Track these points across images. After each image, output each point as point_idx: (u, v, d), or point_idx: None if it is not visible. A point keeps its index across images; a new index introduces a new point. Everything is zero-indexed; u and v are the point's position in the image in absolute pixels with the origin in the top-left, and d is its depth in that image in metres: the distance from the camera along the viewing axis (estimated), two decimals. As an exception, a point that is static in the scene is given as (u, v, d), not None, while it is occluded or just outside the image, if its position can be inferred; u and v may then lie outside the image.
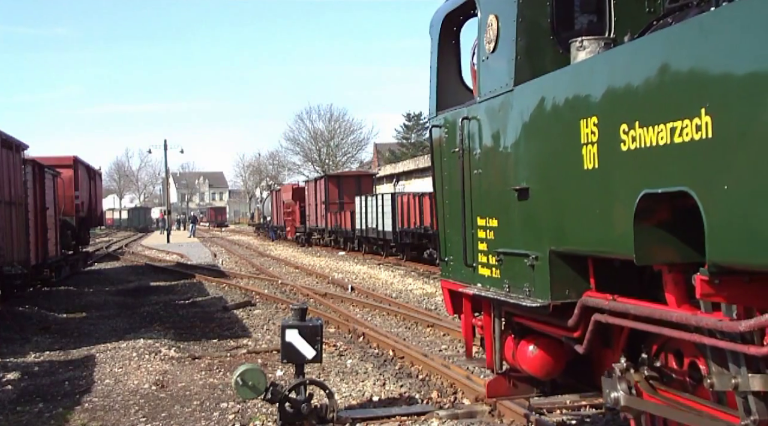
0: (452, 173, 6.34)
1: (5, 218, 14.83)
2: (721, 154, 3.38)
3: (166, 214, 58.89)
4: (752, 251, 3.26)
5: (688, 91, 3.57)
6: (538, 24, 5.35)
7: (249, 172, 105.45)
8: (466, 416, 7.16)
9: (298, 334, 7.08)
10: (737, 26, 3.28)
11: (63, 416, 7.92)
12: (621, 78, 4.14)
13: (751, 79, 3.18)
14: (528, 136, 5.15)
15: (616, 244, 4.17)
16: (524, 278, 5.21)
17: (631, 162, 4.02)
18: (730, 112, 3.31)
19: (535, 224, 5.11)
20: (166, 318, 14.70)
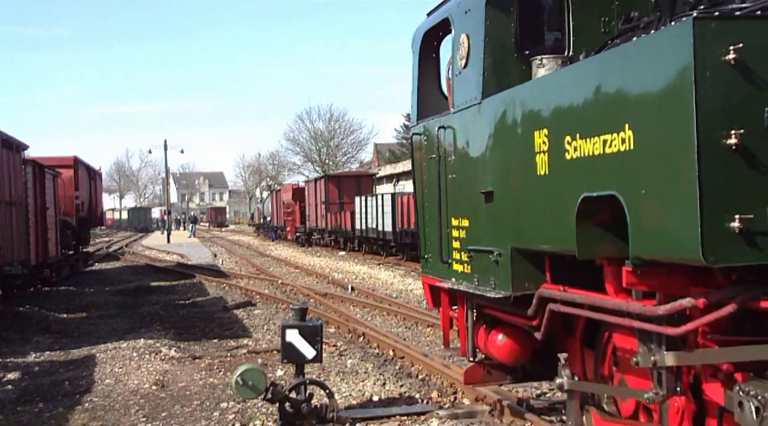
0: (430, 177, 6.89)
1: (5, 218, 14.83)
2: (639, 163, 3.96)
3: (166, 214, 58.88)
4: (663, 246, 3.86)
5: (615, 108, 4.15)
6: (503, 43, 5.87)
7: (249, 172, 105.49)
8: (466, 416, 7.16)
9: (299, 334, 7.09)
10: (648, 56, 3.91)
11: (63, 416, 7.93)
12: (565, 95, 4.70)
13: (656, 101, 3.83)
14: (492, 144, 5.72)
15: (563, 241, 4.68)
16: (490, 272, 5.76)
17: (573, 169, 4.58)
18: (645, 128, 3.91)
19: (498, 224, 5.68)
20: (166, 318, 14.70)
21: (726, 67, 3.57)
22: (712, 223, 3.56)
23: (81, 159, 25.81)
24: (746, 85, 3.59)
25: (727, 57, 3.56)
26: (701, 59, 3.56)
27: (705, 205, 3.55)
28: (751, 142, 3.55)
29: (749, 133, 3.55)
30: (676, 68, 3.68)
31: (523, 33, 5.92)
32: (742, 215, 3.56)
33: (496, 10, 5.83)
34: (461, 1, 6.33)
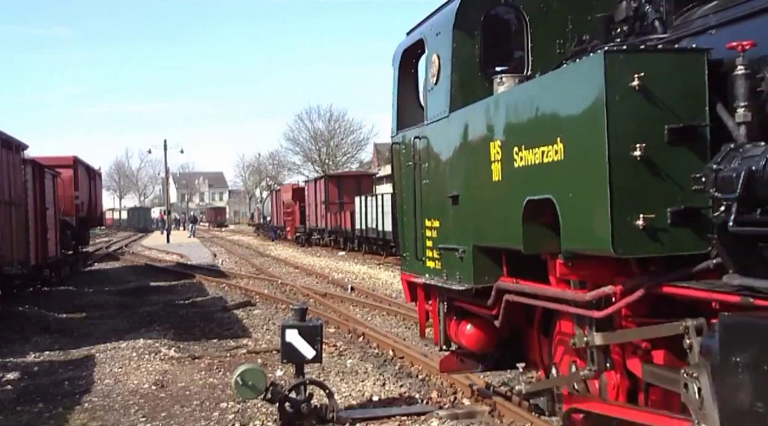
0: (407, 183, 7.61)
1: (5, 218, 14.83)
2: (568, 171, 4.65)
3: (166, 214, 58.87)
4: (585, 240, 4.56)
5: (550, 124, 4.84)
6: (469, 62, 6.53)
7: (249, 172, 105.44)
8: (465, 416, 7.16)
9: (298, 334, 7.08)
10: (572, 81, 4.62)
11: (63, 416, 7.92)
12: (513, 111, 5.41)
13: (578, 119, 4.53)
14: (458, 153, 6.42)
15: (514, 239, 5.34)
16: (456, 268, 6.44)
17: (519, 176, 5.28)
18: (571, 141, 4.62)
19: (463, 224, 6.35)
20: (166, 318, 14.69)
21: (631, 92, 4.23)
22: (620, 221, 4.22)
23: (81, 159, 25.79)
24: (648, 107, 4.25)
25: (632, 83, 4.22)
26: (611, 85, 4.23)
27: (615, 206, 4.22)
28: (652, 154, 4.23)
29: (651, 147, 4.22)
30: (592, 92, 4.36)
31: (486, 53, 6.58)
32: (646, 215, 4.21)
33: (462, 33, 6.50)
34: (433, 24, 7.04)
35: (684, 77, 4.33)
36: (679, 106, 4.29)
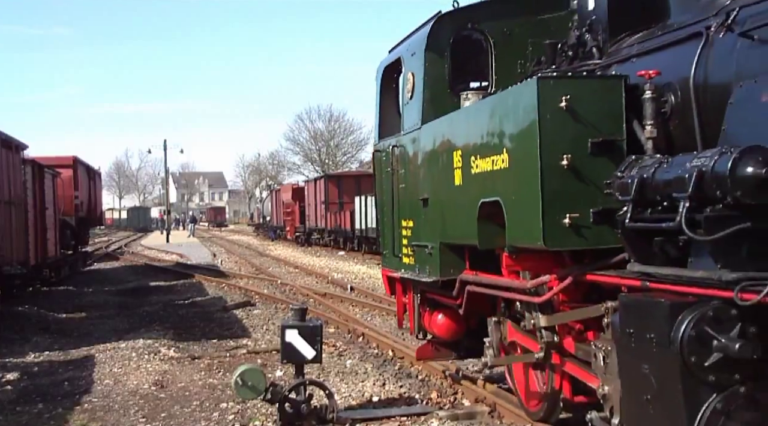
0: (387, 187, 8.43)
1: (5, 218, 14.82)
2: (511, 177, 5.45)
3: (166, 214, 58.87)
4: (524, 236, 5.35)
5: (498, 136, 5.65)
6: (439, 80, 7.32)
7: (249, 172, 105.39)
8: (465, 417, 7.15)
9: (298, 334, 7.08)
10: (513, 101, 5.42)
11: (63, 416, 7.91)
12: (472, 125, 6.20)
13: (518, 133, 5.32)
14: (427, 160, 7.21)
15: (471, 236, 6.14)
16: (426, 263, 7.25)
17: (476, 181, 6.06)
18: (514, 152, 5.41)
19: (431, 224, 7.14)
20: (165, 318, 14.68)
21: (560, 111, 4.98)
22: (550, 220, 4.97)
23: (80, 159, 25.78)
24: (574, 124, 4.99)
25: (561, 104, 4.96)
26: (543, 106, 4.99)
27: (546, 207, 4.97)
28: (577, 163, 4.98)
29: (576, 157, 4.98)
30: (528, 111, 5.13)
31: (454, 72, 7.36)
32: (572, 214, 4.95)
33: (433, 54, 7.30)
34: (409, 45, 7.87)
35: (604, 99, 5.09)
36: (600, 123, 5.04)
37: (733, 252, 3.93)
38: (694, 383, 3.85)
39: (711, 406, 3.83)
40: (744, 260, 3.90)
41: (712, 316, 3.83)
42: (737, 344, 3.72)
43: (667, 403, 4.01)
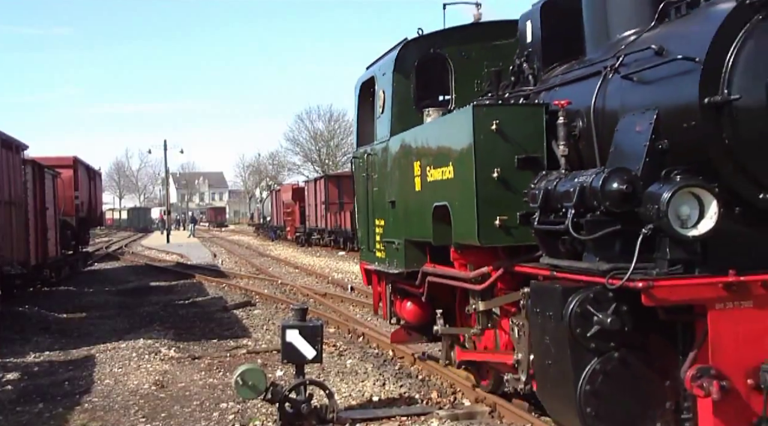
0: (363, 189, 9.60)
1: (5, 218, 14.83)
2: (455, 186, 6.46)
3: (166, 214, 58.85)
4: (464, 235, 6.39)
5: (446, 151, 6.66)
6: (405, 98, 8.34)
7: (249, 172, 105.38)
8: (465, 417, 7.16)
9: (299, 334, 7.09)
10: (457, 123, 6.46)
11: (63, 416, 7.92)
12: (427, 140, 7.28)
13: (459, 149, 6.36)
14: (394, 168, 8.26)
15: (428, 234, 7.22)
16: (394, 257, 8.35)
17: (430, 188, 7.08)
18: (457, 165, 6.43)
19: (398, 223, 8.23)
20: (165, 318, 14.69)
21: (492, 133, 6.01)
22: (484, 221, 6.01)
23: (81, 159, 25.79)
24: (503, 143, 6.03)
25: (492, 127, 6.00)
26: (477, 128, 6.03)
27: (480, 211, 6.02)
28: (506, 175, 6.02)
29: (505, 170, 6.01)
30: (466, 132, 6.14)
31: (418, 91, 8.38)
32: (501, 217, 6.00)
33: (400, 76, 8.33)
34: (381, 66, 8.91)
35: (528, 123, 6.14)
36: (524, 143, 6.08)
37: (608, 248, 5.01)
38: (579, 350, 4.88)
39: (592, 367, 4.86)
40: (616, 255, 4.95)
41: (593, 298, 4.84)
42: (609, 319, 4.76)
43: (561, 366, 5.04)
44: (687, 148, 4.95)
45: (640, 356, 4.92)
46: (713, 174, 4.83)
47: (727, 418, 4.55)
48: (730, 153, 4.87)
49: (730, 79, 4.81)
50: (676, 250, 4.70)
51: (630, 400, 4.88)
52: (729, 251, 4.80)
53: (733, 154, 4.87)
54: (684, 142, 4.95)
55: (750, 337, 4.63)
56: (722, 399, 4.48)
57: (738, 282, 4.61)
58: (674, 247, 4.71)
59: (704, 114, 4.82)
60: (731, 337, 4.61)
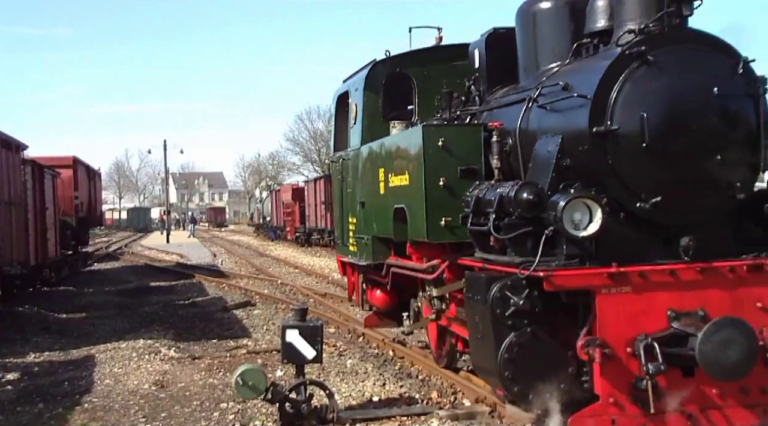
0: (338, 191, 11.03)
1: (5, 218, 14.83)
2: (410, 191, 7.68)
3: (166, 214, 58.83)
4: (417, 232, 7.56)
5: (403, 161, 7.87)
6: (374, 111, 9.61)
7: (249, 172, 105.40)
8: (465, 417, 7.16)
9: (299, 334, 7.09)
10: (411, 138, 7.68)
11: (63, 416, 7.92)
12: (389, 150, 8.49)
13: (413, 161, 7.55)
14: (364, 173, 9.49)
15: (390, 231, 8.51)
16: (364, 250, 9.64)
17: (392, 192, 8.32)
18: (411, 174, 7.61)
19: (367, 221, 9.49)
20: (165, 318, 14.69)
21: (438, 148, 7.17)
22: (432, 222, 7.19)
23: (80, 159, 25.80)
24: (448, 156, 7.18)
25: (438, 143, 7.16)
26: (426, 144, 7.19)
27: (428, 213, 7.19)
28: (450, 183, 7.16)
29: (449, 179, 7.15)
30: (418, 147, 7.32)
31: (385, 105, 9.61)
32: (446, 218, 7.13)
33: (370, 91, 9.58)
34: (354, 82, 10.17)
35: (469, 140, 7.28)
36: (466, 156, 7.21)
37: (521, 245, 6.14)
38: (499, 326, 5.90)
39: (509, 340, 5.87)
40: (528, 250, 6.04)
41: (510, 285, 5.87)
42: (522, 301, 5.80)
43: (486, 339, 6.10)
44: (583, 166, 6.12)
45: (547, 331, 5.95)
46: (602, 187, 6.01)
47: (611, 378, 5.69)
48: (613, 171, 6.04)
49: (613, 113, 5.99)
50: (572, 247, 5.83)
51: (539, 366, 5.87)
52: (615, 248, 5.93)
53: (615, 172, 6.04)
54: (580, 161, 6.13)
55: (629, 315, 5.76)
56: (606, 363, 5.65)
57: (619, 272, 5.77)
58: (570, 244, 5.83)
59: (593, 140, 6.01)
60: (614, 315, 5.74)
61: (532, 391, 5.89)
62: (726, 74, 6.08)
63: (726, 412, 5.84)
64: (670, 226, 6.13)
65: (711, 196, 6.15)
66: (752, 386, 5.83)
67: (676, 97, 5.98)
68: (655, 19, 6.06)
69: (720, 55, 6.15)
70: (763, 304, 5.91)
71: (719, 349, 5.43)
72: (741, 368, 5.52)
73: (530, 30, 7.41)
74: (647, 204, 6.02)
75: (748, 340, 5.50)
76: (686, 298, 5.85)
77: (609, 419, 5.70)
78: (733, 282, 5.94)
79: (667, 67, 6.00)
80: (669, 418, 5.76)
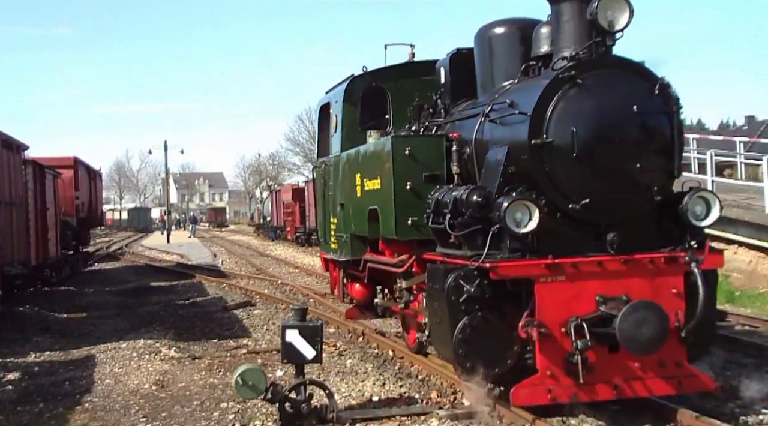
0: (321, 192, 12.10)
1: (6, 218, 14.84)
2: (382, 194, 8.59)
3: (166, 214, 58.80)
4: (387, 230, 8.51)
5: (376, 168, 8.81)
6: (352, 122, 10.57)
7: (249, 172, 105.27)
8: (465, 416, 7.17)
9: (299, 334, 7.10)
10: (381, 147, 8.68)
11: (63, 416, 7.94)
12: (364, 157, 9.43)
13: (383, 167, 8.47)
14: (343, 178, 10.50)
15: (366, 230, 9.44)
16: (344, 248, 10.61)
17: (367, 194, 9.25)
18: (382, 178, 8.54)
19: (346, 221, 10.43)
20: (166, 318, 14.70)
21: (405, 156, 8.14)
22: (400, 221, 8.18)
23: (81, 159, 25.80)
24: (414, 163, 8.16)
25: (405, 152, 8.14)
26: (395, 152, 8.17)
27: (397, 213, 8.18)
28: (416, 187, 8.13)
29: (415, 184, 8.13)
30: (387, 155, 8.31)
31: (363, 116, 10.58)
32: (413, 218, 8.11)
33: (348, 104, 10.55)
34: (335, 94, 11.22)
35: (433, 149, 8.24)
36: (430, 163, 8.16)
37: (473, 241, 7.06)
38: (454, 311, 6.83)
39: (463, 323, 6.79)
40: (478, 245, 6.97)
41: (463, 275, 6.81)
42: (474, 289, 6.74)
43: (444, 323, 7.07)
44: (524, 173, 7.04)
45: (496, 315, 6.86)
46: (540, 191, 6.92)
47: (549, 353, 6.66)
48: (549, 177, 6.96)
49: (548, 128, 6.91)
50: (514, 242, 6.82)
51: (489, 345, 6.80)
52: (552, 243, 6.86)
53: (550, 178, 6.96)
54: (522, 168, 7.06)
55: (563, 300, 6.69)
56: (544, 341, 6.64)
57: (554, 263, 6.73)
58: (513, 240, 6.81)
59: (532, 151, 6.92)
60: (550, 300, 6.69)
61: (482, 367, 6.83)
62: (644, 95, 6.97)
63: (647, 383, 6.81)
64: (599, 224, 7.02)
65: (633, 198, 7.07)
66: (669, 361, 6.83)
67: (601, 114, 6.88)
68: (585, 47, 7.01)
69: (639, 79, 7.07)
70: (678, 291, 6.89)
71: (635, 327, 6.34)
72: (653, 344, 6.42)
73: (486, 52, 8.40)
74: (578, 205, 6.92)
75: (660, 319, 6.40)
76: (612, 285, 6.79)
77: (546, 389, 6.66)
78: (652, 272, 6.90)
79: (594, 89, 6.92)
80: (598, 387, 6.71)
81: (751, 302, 14.45)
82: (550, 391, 6.66)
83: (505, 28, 8.27)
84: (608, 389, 6.74)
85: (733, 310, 13.29)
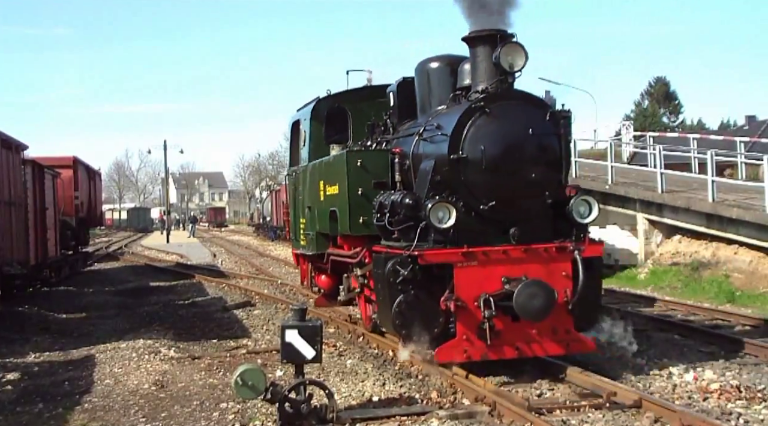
0: (292, 197, 14.47)
1: (5, 218, 14.83)
2: (339, 198, 10.66)
3: (166, 214, 58.77)
4: (344, 227, 10.62)
5: (335, 176, 10.90)
6: (318, 137, 12.80)
7: (249, 172, 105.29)
8: (465, 416, 7.17)
9: (298, 334, 7.09)
10: (339, 160, 10.73)
11: (63, 416, 7.93)
12: (326, 167, 11.53)
13: (340, 176, 10.57)
14: (310, 184, 12.69)
15: (327, 229, 11.55)
16: (311, 243, 12.83)
17: (328, 198, 11.30)
18: (340, 185, 10.62)
19: (312, 220, 12.63)
20: (165, 318, 14.69)
21: (358, 167, 10.11)
22: (353, 219, 10.19)
23: (80, 159, 25.78)
24: (365, 173, 10.11)
25: (357, 163, 10.11)
26: (349, 164, 10.14)
27: (351, 213, 10.20)
28: (367, 192, 10.03)
29: (365, 190, 10.04)
30: (343, 166, 10.26)
31: (327, 132, 12.78)
32: (364, 217, 10.02)
33: (315, 121, 12.83)
34: (304, 112, 13.54)
35: (380, 161, 10.11)
36: (378, 173, 10.05)
37: (407, 235, 8.83)
38: (393, 291, 8.63)
39: (399, 299, 8.57)
40: (411, 238, 8.73)
41: (400, 261, 8.58)
42: (407, 272, 8.52)
43: (385, 301, 8.90)
44: (447, 181, 8.85)
45: (426, 293, 8.57)
46: (458, 195, 8.75)
47: (464, 321, 8.41)
48: (464, 184, 8.79)
49: (463, 146, 8.74)
50: (438, 235, 8.62)
51: (419, 316, 8.54)
52: (468, 236, 8.61)
53: (466, 185, 8.78)
54: (445, 177, 8.86)
55: (476, 280, 8.44)
56: (461, 312, 8.39)
57: (469, 252, 8.49)
58: (436, 233, 8.61)
59: (451, 164, 8.76)
60: (466, 280, 8.45)
61: (414, 334, 8.53)
62: (539, 120, 8.86)
63: (543, 345, 8.56)
64: (504, 221, 8.80)
65: (530, 201, 8.90)
66: (560, 328, 8.59)
67: (504, 135, 8.76)
68: (493, 82, 8.87)
69: (534, 108, 8.99)
70: (566, 273, 8.61)
71: (527, 300, 8.08)
72: (542, 313, 8.17)
73: (424, 82, 10.33)
74: (487, 206, 8.74)
75: (547, 293, 8.14)
76: (514, 269, 8.52)
77: (462, 349, 8.39)
78: (546, 258, 8.65)
79: (499, 116, 8.79)
80: (504, 349, 8.49)
81: (752, 302, 14.46)
82: (465, 351, 8.37)
83: (439, 62, 10.24)
84: (512, 350, 8.50)
85: (733, 310, 13.29)
